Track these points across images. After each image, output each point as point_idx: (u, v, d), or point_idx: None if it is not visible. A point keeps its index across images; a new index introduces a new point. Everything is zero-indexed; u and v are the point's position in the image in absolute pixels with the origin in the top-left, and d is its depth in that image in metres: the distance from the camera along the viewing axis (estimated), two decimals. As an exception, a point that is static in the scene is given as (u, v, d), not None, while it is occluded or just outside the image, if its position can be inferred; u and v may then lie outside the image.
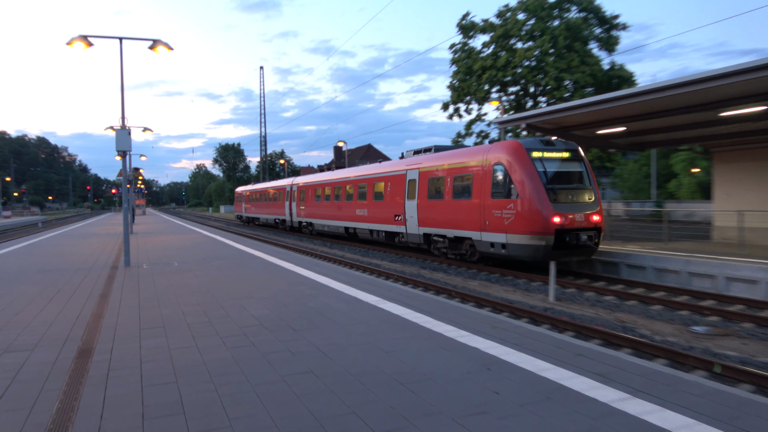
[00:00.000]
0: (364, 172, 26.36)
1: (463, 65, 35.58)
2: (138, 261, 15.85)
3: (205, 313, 8.40)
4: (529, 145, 16.25)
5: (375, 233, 24.70)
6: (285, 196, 38.04)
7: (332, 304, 8.96)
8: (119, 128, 14.60)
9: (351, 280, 11.56)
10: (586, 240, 15.61)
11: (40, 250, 20.35)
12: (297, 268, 13.51)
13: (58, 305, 9.25)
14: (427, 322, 7.61)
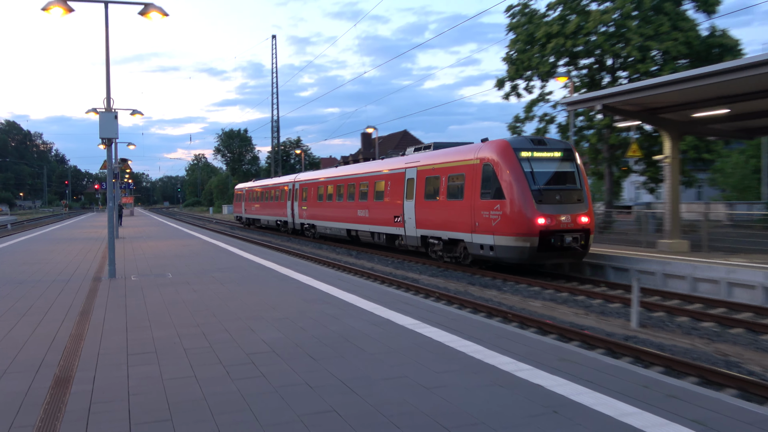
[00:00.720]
0: (365, 169, 28.92)
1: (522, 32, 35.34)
2: (125, 271, 16.17)
3: (206, 336, 8.51)
4: (517, 145, 18.91)
5: (376, 236, 27.13)
6: (287, 195, 40.52)
7: (360, 327, 8.98)
8: (104, 111, 14.94)
9: (382, 297, 11.58)
10: (571, 242, 18.18)
11: (9, 257, 20.94)
12: (316, 283, 13.59)
13: (31, 324, 9.49)
14: (477, 352, 7.56)
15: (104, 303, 11.36)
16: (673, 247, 20.51)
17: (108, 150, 15.82)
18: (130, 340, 8.35)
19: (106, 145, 15.72)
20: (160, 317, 9.88)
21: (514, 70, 35.94)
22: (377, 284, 14.68)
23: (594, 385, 6.39)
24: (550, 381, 6.48)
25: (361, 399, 5.94)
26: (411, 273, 21.65)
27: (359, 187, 28.83)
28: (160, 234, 34.21)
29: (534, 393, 6.11)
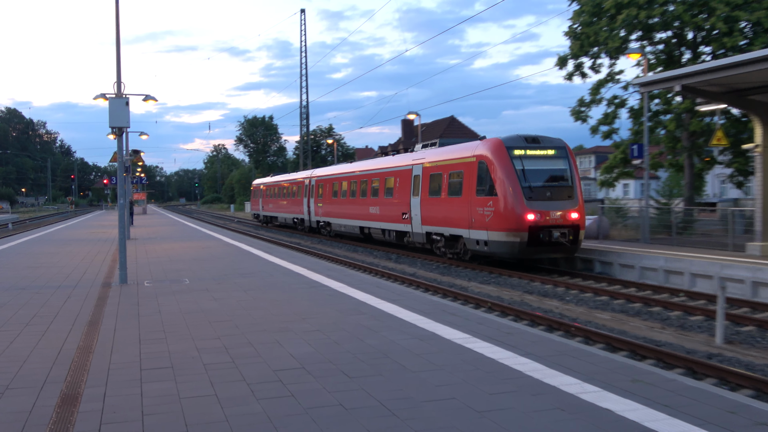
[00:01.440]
0: (376, 165, 32.46)
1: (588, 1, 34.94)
2: (137, 277, 16.48)
3: (227, 350, 8.63)
4: (510, 143, 22.25)
5: (387, 233, 30.56)
6: (303, 192, 43.93)
7: (401, 341, 9.01)
8: (113, 97, 15.23)
9: (427, 308, 11.58)
10: (559, 237, 21.34)
11: (10, 260, 21.51)
12: (351, 290, 13.67)
13: (34, 335, 9.74)
14: (535, 371, 7.52)
15: (115, 312, 11.60)
16: (765, 251, 20.09)
17: (118, 140, 16.10)
18: (144, 353, 8.51)
19: (116, 134, 15.99)
20: (176, 328, 10.06)
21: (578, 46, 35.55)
22: (420, 292, 14.69)
23: (672, 410, 6.30)
24: (621, 405, 6.41)
25: (402, 423, 5.96)
26: (459, 280, 21.62)
27: (371, 183, 32.17)
28: (175, 235, 34.77)
29: (602, 419, 6.05)
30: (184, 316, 11.08)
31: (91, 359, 8.27)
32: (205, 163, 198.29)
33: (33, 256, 22.58)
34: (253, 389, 6.95)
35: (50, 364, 8.08)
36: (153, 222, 52.88)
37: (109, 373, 7.61)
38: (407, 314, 10.96)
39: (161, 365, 7.93)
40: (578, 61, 36.12)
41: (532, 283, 20.39)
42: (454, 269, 24.02)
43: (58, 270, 18.32)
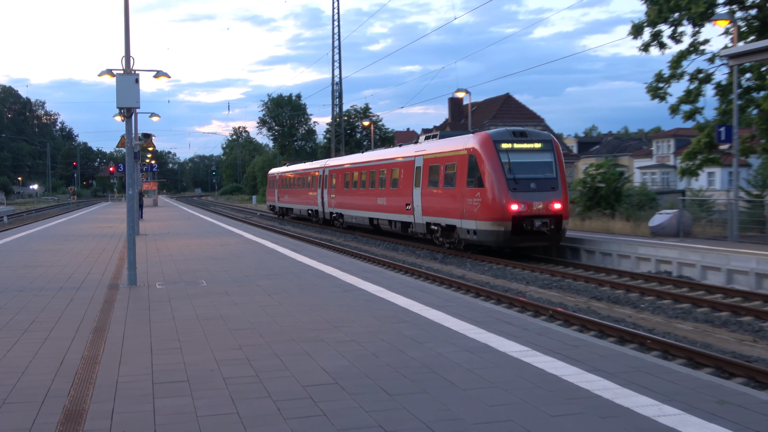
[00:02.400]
0: (384, 156, 37.40)
1: (667, -40, 34.43)
2: (148, 278, 16.69)
3: (250, 362, 8.71)
4: (498, 137, 26.78)
5: (393, 224, 35.18)
6: (318, 182, 48.69)
7: (449, 353, 9.00)
8: (121, 73, 15.42)
9: (478, 315, 11.56)
10: (540, 226, 25.48)
11: (5, 258, 21.92)
12: (391, 295, 13.69)
13: (34, 343, 9.93)
14: (605, 389, 7.46)
15: (123, 317, 11.77)
16: None
17: (127, 123, 16.31)
18: (156, 365, 8.63)
19: (124, 116, 16.18)
20: (192, 337, 10.17)
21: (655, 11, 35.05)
22: (470, 297, 14.65)
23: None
24: (706, 430, 6.33)
25: (451, 448, 5.95)
26: (515, 283, 21.56)
27: (379, 174, 36.83)
28: (190, 230, 35.13)
29: (684, 446, 5.98)
30: (201, 322, 11.21)
31: (97, 371, 8.40)
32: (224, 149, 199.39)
33: (31, 254, 22.99)
34: (280, 407, 7.00)
35: (52, 375, 8.23)
36: (165, 215, 53.49)
37: (118, 387, 7.73)
38: (455, 323, 10.95)
39: (176, 379, 8.03)
40: (656, 29, 35.60)
41: (601, 288, 20.26)
42: (510, 271, 23.97)
43: (60, 269, 18.63)
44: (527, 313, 16.17)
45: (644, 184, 59.22)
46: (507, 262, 25.50)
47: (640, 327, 15.13)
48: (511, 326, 10.73)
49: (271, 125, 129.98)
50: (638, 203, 36.12)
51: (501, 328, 10.59)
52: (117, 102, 15.26)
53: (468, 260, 27.15)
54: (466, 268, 25.23)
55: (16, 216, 70.12)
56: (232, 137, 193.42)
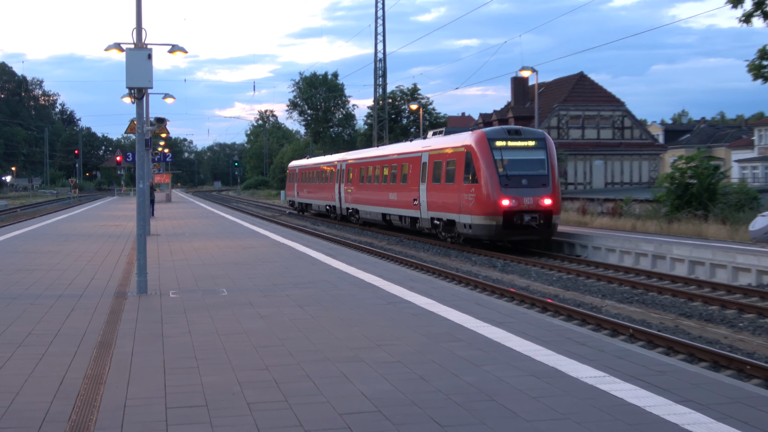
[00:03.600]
0: (395, 151, 43.76)
1: None
2: (161, 285, 16.85)
3: (278, 385, 8.75)
4: (492, 135, 32.22)
5: (403, 219, 40.74)
6: (335, 177, 54.61)
7: (510, 378, 8.95)
8: (132, 48, 15.56)
9: (545, 334, 11.48)
10: (530, 221, 30.56)
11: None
12: (443, 309, 13.66)
13: (30, 359, 10.06)
14: (697, 424, 7.36)
15: (131, 331, 11.89)
16: None
17: (137, 105, 16.40)
18: (170, 386, 8.70)
19: (134, 97, 16.29)
20: (211, 354, 10.25)
21: (759, -26, 34.51)
22: (535, 312, 14.59)
23: None
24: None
25: (513, 490, 5.92)
26: (588, 296, 21.42)
27: (391, 169, 42.52)
28: (209, 230, 35.38)
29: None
30: (221, 338, 11.29)
31: (101, 392, 8.48)
32: (248, 136, 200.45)
33: (27, 256, 23.30)
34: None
35: (50, 397, 8.31)
36: (180, 213, 53.91)
37: (126, 411, 7.79)
38: (518, 342, 10.90)
39: (192, 403, 8.09)
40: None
41: (691, 303, 20.03)
42: (582, 282, 23.82)
43: (59, 274, 18.87)
44: (603, 332, 16.01)
45: (744, 181, 58.44)
46: (579, 272, 25.33)
47: (738, 350, 14.90)
48: (585, 347, 10.65)
49: (303, 108, 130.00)
50: (736, 203, 35.67)
51: (572, 349, 10.52)
52: (126, 81, 15.37)
53: (533, 269, 27.04)
54: (530, 278, 25.10)
55: (8, 212, 70.56)
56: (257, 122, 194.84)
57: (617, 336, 15.86)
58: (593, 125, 73.18)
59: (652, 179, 68.20)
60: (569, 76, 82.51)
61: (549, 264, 27.39)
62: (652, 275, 24.93)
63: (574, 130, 72.78)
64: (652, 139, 78.98)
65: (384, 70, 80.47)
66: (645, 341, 15.49)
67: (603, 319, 17.14)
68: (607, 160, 73.26)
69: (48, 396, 8.35)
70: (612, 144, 73.48)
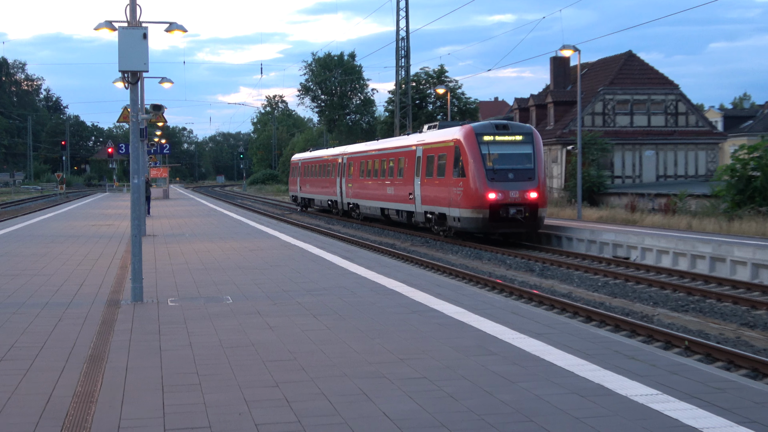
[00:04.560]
0: (392, 144, 49.26)
1: None
2: (158, 292, 16.90)
3: (290, 404, 8.76)
4: (480, 130, 36.51)
5: (399, 214, 45.55)
6: (337, 171, 59.28)
7: (550, 396, 8.93)
8: (125, 27, 15.59)
9: (589, 346, 11.44)
10: (515, 214, 34.78)
11: (-22, 264, 22.31)
12: (474, 318, 13.65)
13: (13, 375, 10.08)
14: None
15: (126, 343, 11.91)
16: None
17: (131, 90, 16.45)
18: (169, 406, 8.70)
19: (127, 82, 16.32)
20: (215, 369, 10.26)
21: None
22: (577, 322, 14.56)
23: None
24: None
25: None
26: (638, 304, 21.36)
27: (389, 163, 47.38)
28: (211, 230, 35.46)
29: None
30: (225, 351, 11.30)
31: (93, 412, 8.49)
32: (255, 124, 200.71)
33: (8, 260, 23.39)
34: (329, 464, 7.04)
35: (35, 417, 8.32)
36: (178, 211, 54.03)
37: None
38: (559, 355, 10.87)
39: (194, 424, 8.10)
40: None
41: (755, 312, 19.93)
42: (631, 288, 23.76)
43: (45, 280, 18.93)
44: (655, 344, 15.96)
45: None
46: (628, 276, 25.26)
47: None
48: (635, 361, 10.61)
49: (317, 94, 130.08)
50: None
51: (621, 363, 10.48)
52: (119, 64, 15.40)
53: (575, 273, 26.99)
54: (572, 283, 25.05)
55: (-11, 210, 70.60)
56: (265, 109, 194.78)
57: (671, 348, 15.83)
58: (643, 111, 72.68)
59: (710, 172, 67.77)
60: (616, 55, 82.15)
61: (593, 268, 27.31)
62: (711, 280, 24.84)
63: (622, 116, 72.33)
64: (710, 127, 78.47)
65: (407, 50, 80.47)
66: (702, 354, 15.42)
67: (655, 330, 17.08)
68: (659, 150, 72.74)
69: (33, 416, 8.35)
70: (664, 132, 72.97)
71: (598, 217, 43.76)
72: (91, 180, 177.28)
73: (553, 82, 79.34)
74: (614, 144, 65.65)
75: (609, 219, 42.08)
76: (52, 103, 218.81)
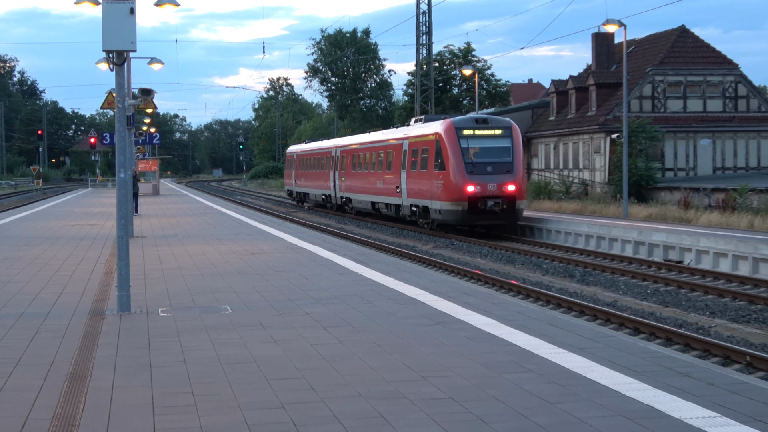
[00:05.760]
0: (381, 137, 55.24)
1: None
2: (147, 300, 16.93)
3: (297, 428, 8.73)
4: (460, 124, 42.53)
5: (389, 207, 51.19)
6: (330, 164, 65.01)
7: (593, 419, 8.90)
8: (110, 0, 15.56)
9: (637, 362, 11.41)
10: (493, 206, 40.34)
11: (-56, 269, 22.38)
12: (506, 330, 13.64)
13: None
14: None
15: (112, 359, 11.92)
16: None
17: (117, 73, 16.44)
18: (160, 430, 8.71)
19: (112, 63, 16.33)
20: (212, 389, 10.25)
21: None
22: (624, 335, 14.57)
23: None
24: None
25: None
26: (692, 314, 21.31)
27: (378, 156, 53.39)
28: (207, 230, 35.56)
29: None
30: (224, 368, 11.29)
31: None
32: (256, 110, 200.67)
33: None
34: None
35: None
36: (170, 209, 54.12)
37: (105, 462, 7.84)
38: (603, 372, 10.84)
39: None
40: None
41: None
42: (685, 295, 23.72)
43: (20, 287, 18.97)
44: (712, 360, 15.94)
45: None
46: (681, 282, 25.19)
47: None
48: (689, 379, 10.58)
49: (326, 76, 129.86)
50: None
51: (673, 381, 10.45)
52: (103, 43, 15.40)
53: (621, 279, 26.94)
54: (618, 290, 25.00)
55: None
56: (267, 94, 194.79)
57: (730, 365, 15.77)
58: (698, 94, 72.23)
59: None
60: (667, 31, 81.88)
61: (642, 273, 27.27)
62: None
63: (674, 100, 71.91)
64: (776, 113, 78.11)
65: (429, 26, 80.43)
66: (766, 372, 15.37)
67: (712, 344, 17.03)
68: (716, 138, 72.14)
69: (7, 442, 8.40)
70: (722, 118, 72.42)
71: (646, 216, 43.70)
72: (71, 174, 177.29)
73: (595, 61, 79.13)
74: (665, 132, 65.34)
75: (659, 217, 42.06)
76: (27, 87, 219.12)
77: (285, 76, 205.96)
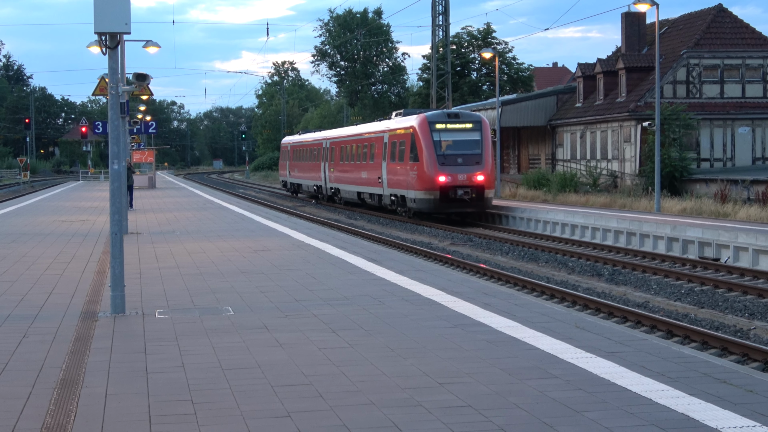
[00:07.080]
0: (366, 129, 63.32)
1: None
2: (143, 301, 16.95)
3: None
4: (433, 119, 51.03)
5: (372, 197, 58.41)
6: (321, 155, 72.68)
7: (625, 430, 8.86)
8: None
9: (673, 369, 11.39)
10: (462, 195, 48.33)
11: (-75, 268, 22.44)
12: (530, 333, 13.63)
13: (-31, 403, 10.12)
14: None
15: (105, 365, 11.92)
16: None
17: (110, 57, 16.46)
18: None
19: (105, 47, 16.35)
20: (213, 396, 10.27)
21: None
22: (656, 338, 14.52)
23: None
24: None
25: None
26: (730, 315, 21.29)
27: (363, 148, 60.71)
28: (207, 226, 35.58)
29: None
30: (226, 374, 11.30)
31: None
32: (259, 97, 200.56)
33: (-38, 263, 23.53)
34: None
35: (-4, 455, 8.40)
36: (167, 203, 54.19)
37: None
38: (635, 379, 10.83)
39: (188, 463, 8.12)
40: None
41: None
42: (722, 295, 23.66)
43: (6, 287, 19.01)
44: (752, 365, 15.86)
45: None
46: (718, 281, 25.12)
47: None
48: (728, 387, 10.56)
49: (335, 59, 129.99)
50: None
51: (709, 388, 10.42)
52: (95, 24, 15.40)
53: (653, 278, 26.89)
54: (650, 290, 24.97)
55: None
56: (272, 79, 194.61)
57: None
58: (736, 78, 71.88)
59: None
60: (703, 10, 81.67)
61: (675, 271, 27.23)
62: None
63: (710, 85, 71.58)
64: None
65: (446, 6, 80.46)
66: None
67: (751, 347, 16.98)
68: (756, 126, 71.71)
69: (-7, 453, 8.41)
70: (763, 104, 71.90)
71: (680, 210, 43.52)
72: (60, 166, 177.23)
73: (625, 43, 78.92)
74: (700, 119, 65.09)
75: (694, 212, 41.89)
76: (14, 72, 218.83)
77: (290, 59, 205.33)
